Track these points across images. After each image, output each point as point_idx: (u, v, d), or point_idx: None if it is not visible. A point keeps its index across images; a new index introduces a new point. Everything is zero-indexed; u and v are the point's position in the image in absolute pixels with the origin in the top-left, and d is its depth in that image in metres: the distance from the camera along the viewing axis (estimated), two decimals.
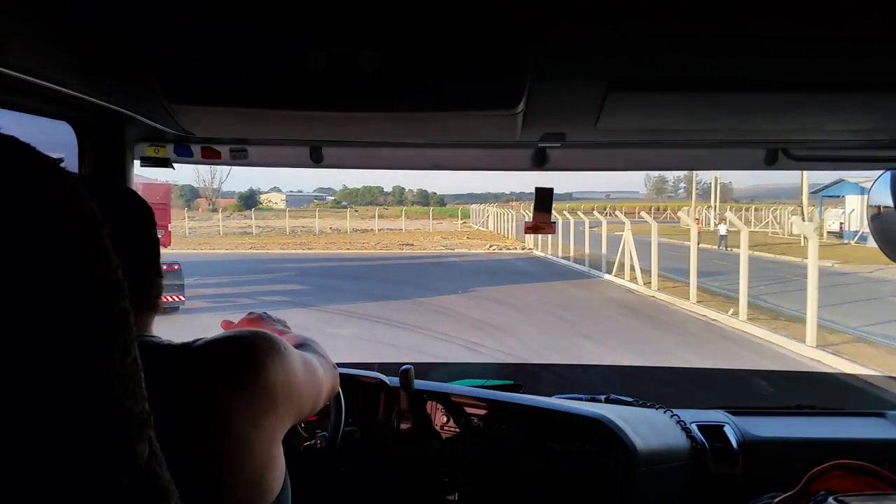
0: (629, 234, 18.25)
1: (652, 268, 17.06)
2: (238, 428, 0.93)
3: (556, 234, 26.87)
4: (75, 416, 0.46)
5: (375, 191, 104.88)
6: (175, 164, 1.99)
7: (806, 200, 33.38)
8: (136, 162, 1.89)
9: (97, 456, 0.47)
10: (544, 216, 2.03)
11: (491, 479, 2.13)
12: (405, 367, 2.12)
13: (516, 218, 38.04)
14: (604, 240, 21.12)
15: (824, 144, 1.86)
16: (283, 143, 1.95)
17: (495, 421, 2.18)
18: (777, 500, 1.65)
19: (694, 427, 2.25)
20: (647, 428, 2.17)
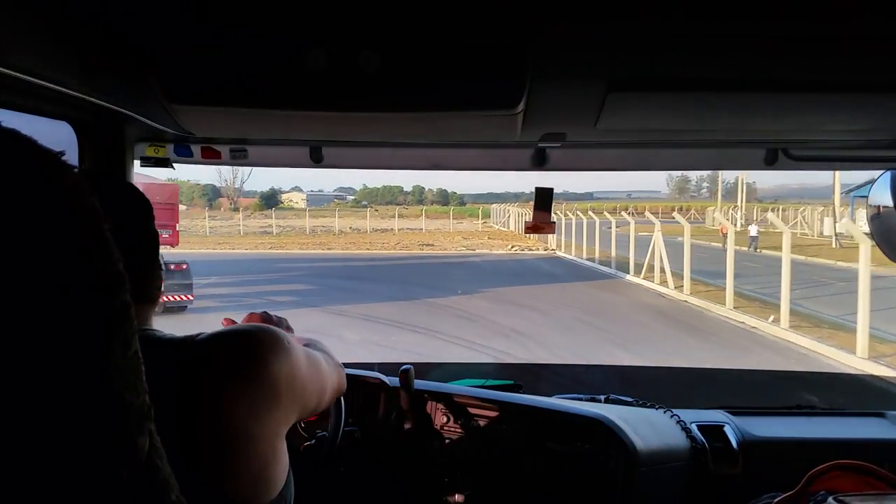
0: (659, 236, 17.77)
1: (684, 271, 16.47)
2: (241, 422, 0.93)
3: (581, 235, 26.39)
4: (76, 408, 0.46)
5: (395, 190, 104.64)
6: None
7: (838, 200, 32.60)
8: (137, 162, 1.89)
9: (98, 448, 0.47)
10: (544, 216, 2.02)
11: (491, 479, 2.12)
12: (405, 367, 2.12)
13: None
14: (631, 241, 20.49)
15: (824, 144, 1.86)
16: (283, 143, 1.95)
17: (495, 421, 2.18)
18: (777, 500, 1.65)
19: (694, 427, 2.25)
20: (647, 428, 2.17)
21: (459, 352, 10.37)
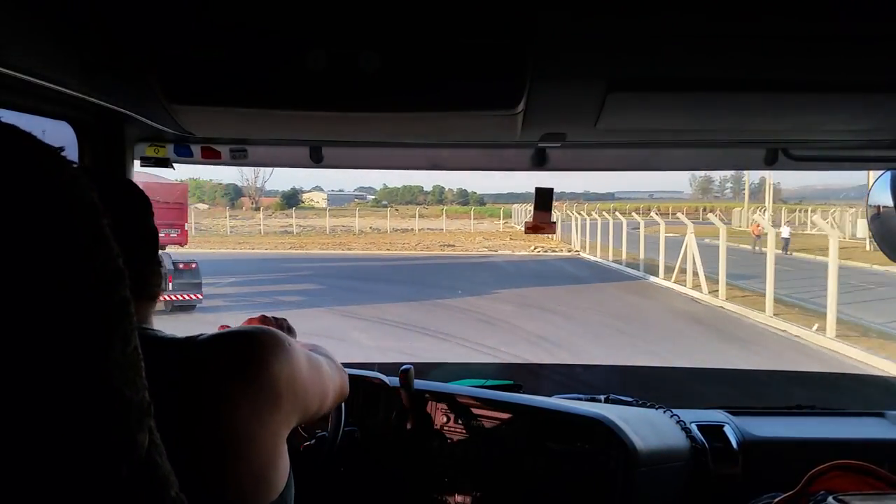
0: (692, 238, 17.25)
1: (720, 275, 15.79)
2: (242, 423, 0.93)
3: (606, 236, 25.94)
4: (76, 404, 0.46)
5: (415, 190, 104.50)
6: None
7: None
8: (137, 162, 1.89)
9: (97, 444, 0.47)
10: (545, 216, 2.02)
11: (491, 478, 2.13)
12: (405, 367, 2.12)
13: (561, 218, 37.00)
14: (661, 243, 19.88)
15: (824, 144, 1.85)
16: (283, 143, 1.95)
17: (495, 421, 2.17)
18: (777, 500, 1.65)
19: (694, 427, 2.25)
20: (647, 428, 2.17)
21: (484, 360, 9.96)
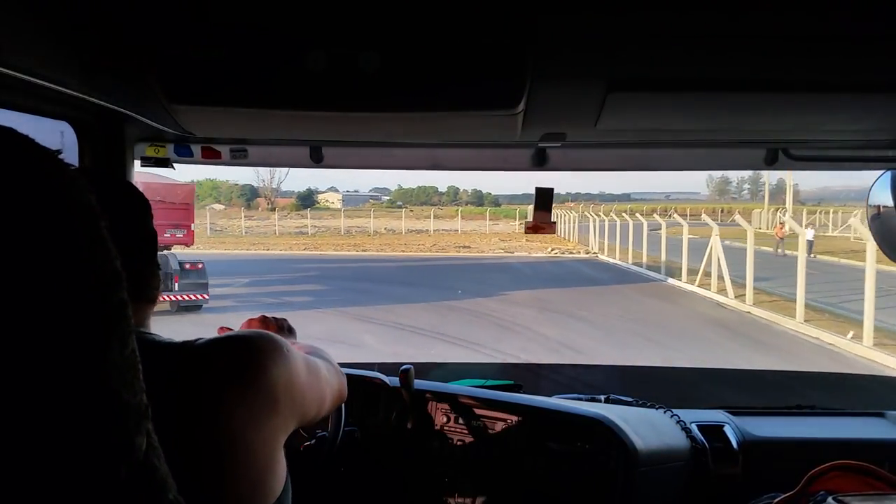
0: (717, 240, 16.72)
1: (747, 279, 15.18)
2: (239, 428, 0.92)
3: (626, 238, 25.40)
4: (73, 406, 0.46)
5: (430, 191, 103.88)
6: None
7: None
8: (137, 162, 1.89)
9: (95, 447, 0.47)
10: (544, 216, 2.02)
11: (491, 479, 2.13)
12: (405, 367, 2.12)
13: (579, 220, 36.70)
14: (684, 246, 19.28)
15: (824, 144, 1.86)
16: (283, 143, 1.96)
17: (495, 421, 2.17)
18: (777, 500, 1.65)
19: (694, 427, 2.24)
20: (647, 428, 2.17)
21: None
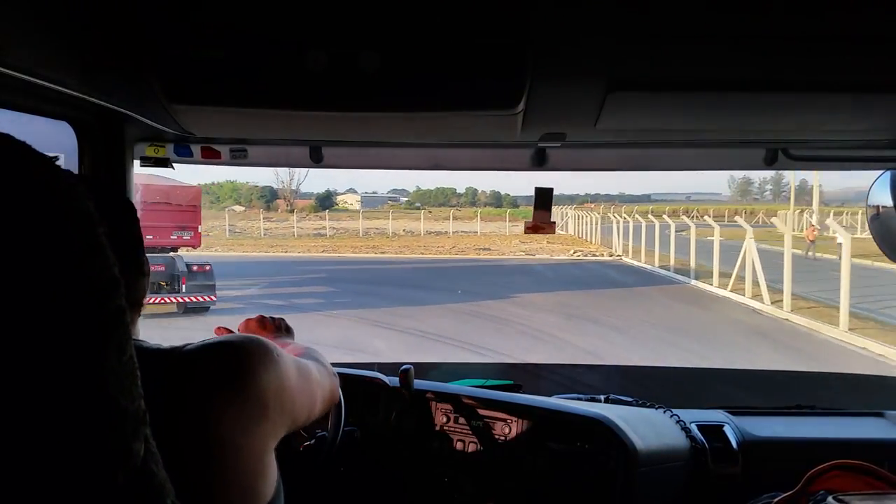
0: (751, 243, 16.06)
1: (785, 284, 14.52)
2: (228, 434, 0.91)
3: (651, 240, 24.79)
4: (71, 413, 0.46)
5: (448, 192, 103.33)
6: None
7: None
8: (137, 162, 1.89)
9: (93, 453, 0.47)
10: (544, 216, 2.02)
11: (491, 479, 2.13)
12: (405, 367, 2.12)
13: (601, 221, 35.86)
14: (716, 249, 18.37)
15: (824, 144, 1.85)
16: (283, 143, 1.96)
17: (495, 421, 2.18)
18: (777, 499, 1.65)
19: (694, 427, 2.24)
20: (647, 428, 2.16)
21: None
